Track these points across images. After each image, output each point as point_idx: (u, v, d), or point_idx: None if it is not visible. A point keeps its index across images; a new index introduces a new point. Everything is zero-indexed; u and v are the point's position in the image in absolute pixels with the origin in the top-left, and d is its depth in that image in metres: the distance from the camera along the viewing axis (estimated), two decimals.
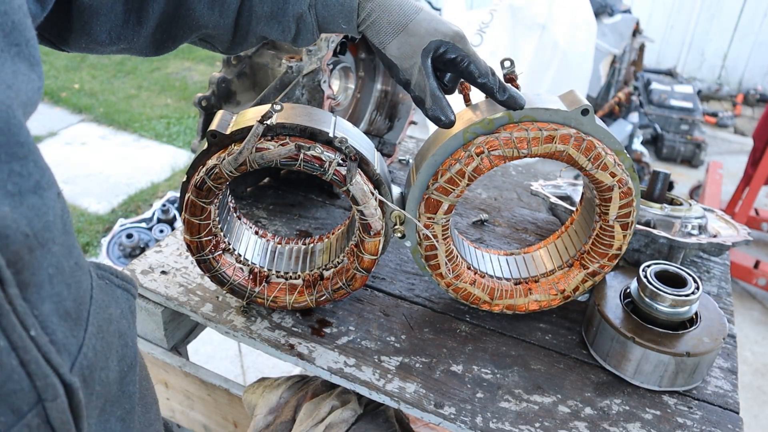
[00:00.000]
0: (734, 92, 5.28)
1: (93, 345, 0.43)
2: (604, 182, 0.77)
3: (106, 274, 0.53)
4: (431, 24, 0.72)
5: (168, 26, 0.69)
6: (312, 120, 0.76)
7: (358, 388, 0.80)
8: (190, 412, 1.05)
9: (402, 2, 0.72)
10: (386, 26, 0.71)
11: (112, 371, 0.47)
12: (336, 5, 0.71)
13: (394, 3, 0.71)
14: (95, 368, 0.44)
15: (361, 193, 0.76)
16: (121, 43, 0.67)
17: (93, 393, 0.44)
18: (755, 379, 2.44)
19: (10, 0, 0.40)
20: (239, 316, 0.89)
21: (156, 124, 4.02)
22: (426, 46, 0.71)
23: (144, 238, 2.71)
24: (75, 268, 0.43)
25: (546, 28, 3.03)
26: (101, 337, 0.45)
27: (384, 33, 0.72)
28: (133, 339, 0.53)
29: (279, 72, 1.05)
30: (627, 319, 0.81)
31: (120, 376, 0.49)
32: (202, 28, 0.70)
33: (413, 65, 0.72)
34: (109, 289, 0.51)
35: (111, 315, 0.49)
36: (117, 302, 0.52)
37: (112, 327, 0.48)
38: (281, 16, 0.71)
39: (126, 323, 0.52)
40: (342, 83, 1.25)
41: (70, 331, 0.41)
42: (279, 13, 0.71)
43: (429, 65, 0.72)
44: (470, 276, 0.88)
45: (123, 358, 0.49)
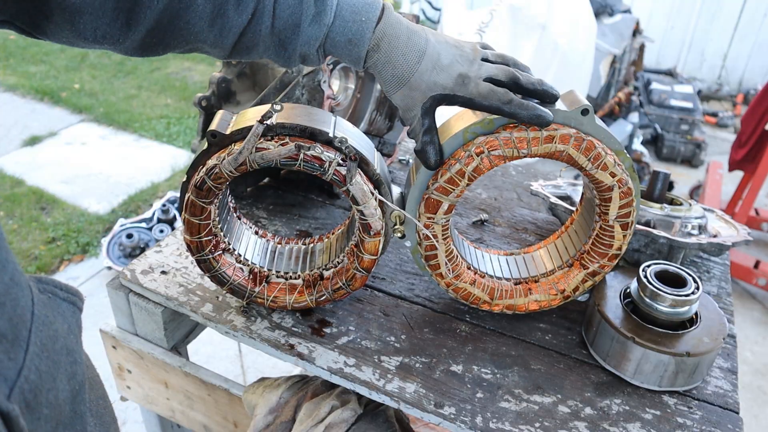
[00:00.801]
0: (734, 92, 5.28)
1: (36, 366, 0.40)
2: (604, 182, 0.77)
3: (50, 288, 0.49)
4: (431, 77, 0.71)
5: (161, 34, 0.66)
6: (312, 120, 0.76)
7: (358, 388, 0.80)
8: (190, 412, 1.05)
9: (407, 50, 0.71)
10: (390, 79, 0.72)
11: (62, 391, 0.44)
12: (344, 49, 0.71)
13: (399, 53, 0.71)
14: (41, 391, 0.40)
15: (361, 193, 0.76)
16: (106, 42, 0.64)
17: (40, 418, 0.41)
18: (755, 379, 2.44)
19: None
20: (239, 316, 0.89)
21: (156, 124, 4.02)
22: (425, 101, 0.72)
23: (144, 238, 2.71)
24: (10, 285, 0.40)
25: (546, 28, 3.03)
26: (46, 356, 0.42)
27: (389, 84, 0.73)
28: (81, 355, 0.49)
29: (279, 72, 1.05)
30: (627, 319, 0.81)
31: (71, 396, 0.46)
32: (197, 42, 0.68)
33: (414, 117, 0.74)
34: (53, 304, 0.48)
35: (57, 331, 0.46)
36: (63, 317, 0.49)
37: (59, 344, 0.45)
38: (288, 49, 0.71)
39: (74, 338, 0.49)
40: (342, 83, 1.25)
41: (6, 354, 0.38)
42: (286, 47, 0.70)
43: (427, 122, 0.74)
44: (470, 276, 0.88)
45: (73, 376, 0.46)
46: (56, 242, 2.87)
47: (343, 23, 0.69)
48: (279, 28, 0.69)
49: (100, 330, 1.03)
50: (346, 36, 0.70)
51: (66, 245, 2.85)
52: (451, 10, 3.56)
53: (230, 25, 0.67)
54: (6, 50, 5.01)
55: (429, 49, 0.72)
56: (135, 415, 2.08)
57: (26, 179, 3.33)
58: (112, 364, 1.06)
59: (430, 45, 0.72)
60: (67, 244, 2.85)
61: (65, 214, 3.05)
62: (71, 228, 2.95)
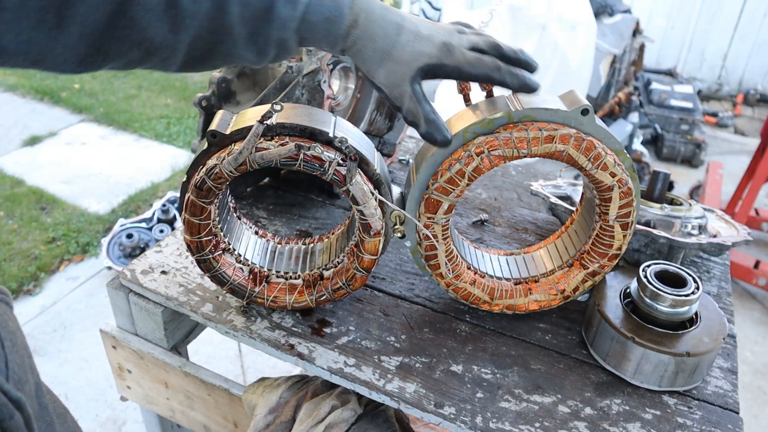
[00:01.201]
0: (734, 92, 5.28)
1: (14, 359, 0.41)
2: (604, 182, 0.77)
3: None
4: (415, 46, 0.69)
5: (99, 37, 0.54)
6: (312, 120, 0.76)
7: (358, 388, 0.80)
8: (190, 412, 1.05)
9: (384, 23, 0.68)
10: (371, 54, 0.69)
11: (31, 384, 0.45)
12: (322, 30, 0.66)
13: (378, 27, 0.68)
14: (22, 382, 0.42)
15: (361, 193, 0.76)
16: (33, 51, 0.52)
17: None
18: (755, 379, 2.45)
19: None
20: (239, 316, 0.89)
21: (156, 124, 4.02)
22: (413, 74, 0.69)
23: (144, 238, 2.71)
24: None
25: (546, 28, 3.03)
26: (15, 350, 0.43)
27: (370, 61, 0.69)
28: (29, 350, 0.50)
29: (279, 72, 1.05)
30: (627, 319, 0.81)
31: (36, 387, 0.47)
32: (146, 43, 0.56)
33: (403, 93, 0.71)
34: None
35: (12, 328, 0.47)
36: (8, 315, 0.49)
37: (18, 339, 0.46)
38: (261, 38, 0.63)
39: (21, 334, 0.50)
40: (342, 83, 1.25)
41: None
42: (258, 35, 0.63)
43: (419, 91, 0.71)
44: (470, 276, 0.88)
45: (33, 369, 0.47)
46: (56, 242, 2.87)
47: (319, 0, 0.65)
48: (248, 14, 0.61)
49: (100, 330, 1.03)
50: (323, 14, 0.65)
51: (66, 245, 2.85)
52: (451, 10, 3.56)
53: (187, 17, 0.57)
54: None
55: (406, 23, 0.70)
56: (135, 415, 2.08)
57: (26, 179, 3.33)
58: (112, 364, 1.06)
59: (406, 19, 0.70)
60: (67, 244, 2.85)
61: (65, 214, 3.05)
62: (71, 228, 2.95)
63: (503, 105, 0.77)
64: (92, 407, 2.11)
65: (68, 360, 2.28)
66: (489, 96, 0.80)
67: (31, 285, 2.62)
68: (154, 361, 0.99)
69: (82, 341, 2.36)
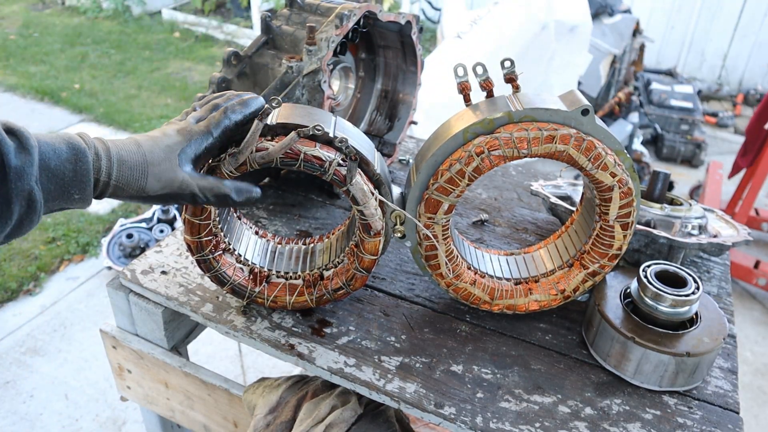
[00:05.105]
0: (734, 92, 5.28)
1: None
2: (604, 182, 0.77)
3: None
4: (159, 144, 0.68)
5: None
6: (312, 120, 0.76)
7: (358, 388, 0.80)
8: (190, 412, 1.05)
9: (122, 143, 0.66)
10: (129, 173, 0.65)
11: None
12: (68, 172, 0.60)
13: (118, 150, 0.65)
14: None
15: (361, 193, 0.76)
16: None
17: None
18: (755, 379, 2.44)
19: None
20: (239, 316, 0.89)
21: (156, 124, 4.02)
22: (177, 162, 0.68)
23: (144, 238, 2.71)
24: None
25: (545, 28, 3.03)
26: None
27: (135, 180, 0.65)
28: None
29: (279, 72, 1.05)
30: (627, 319, 0.81)
31: None
32: None
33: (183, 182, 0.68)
34: None
35: None
36: None
37: None
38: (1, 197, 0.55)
39: None
40: (342, 83, 1.25)
41: None
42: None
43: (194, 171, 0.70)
44: (470, 276, 0.88)
45: None
46: (56, 242, 2.87)
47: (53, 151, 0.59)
48: None
49: (100, 330, 1.03)
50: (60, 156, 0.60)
51: (66, 245, 2.85)
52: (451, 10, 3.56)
53: None
54: (6, 50, 5.01)
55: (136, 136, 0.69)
56: (135, 415, 2.08)
57: None
58: (112, 364, 1.06)
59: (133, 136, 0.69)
60: (67, 244, 2.85)
61: (65, 213, 3.05)
62: (71, 228, 2.95)
63: (503, 105, 0.77)
64: (92, 407, 2.11)
65: (68, 360, 2.28)
66: (489, 96, 0.80)
67: (31, 285, 2.62)
68: (154, 361, 0.99)
69: (82, 341, 2.36)
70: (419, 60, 1.25)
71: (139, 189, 0.66)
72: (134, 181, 0.66)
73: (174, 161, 0.68)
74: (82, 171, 0.61)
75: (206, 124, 0.71)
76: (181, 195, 0.69)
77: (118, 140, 0.67)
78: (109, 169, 0.64)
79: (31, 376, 2.21)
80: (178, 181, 0.68)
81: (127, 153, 0.66)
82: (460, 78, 0.78)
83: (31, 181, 0.56)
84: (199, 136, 0.70)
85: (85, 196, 0.62)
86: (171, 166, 0.68)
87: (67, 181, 0.60)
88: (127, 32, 5.55)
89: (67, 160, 0.60)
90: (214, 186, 0.71)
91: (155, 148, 0.68)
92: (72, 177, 0.60)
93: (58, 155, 0.59)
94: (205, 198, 0.71)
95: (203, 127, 0.71)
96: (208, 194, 0.71)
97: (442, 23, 3.85)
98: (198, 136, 0.70)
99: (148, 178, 0.66)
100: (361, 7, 1.03)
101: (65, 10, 6.07)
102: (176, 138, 0.69)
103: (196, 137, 0.70)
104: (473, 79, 0.80)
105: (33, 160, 0.56)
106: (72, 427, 2.05)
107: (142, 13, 5.94)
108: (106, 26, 5.68)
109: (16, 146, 0.56)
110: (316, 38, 0.98)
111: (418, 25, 1.18)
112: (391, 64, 1.29)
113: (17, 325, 2.43)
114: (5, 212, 0.56)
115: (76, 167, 0.60)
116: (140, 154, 0.66)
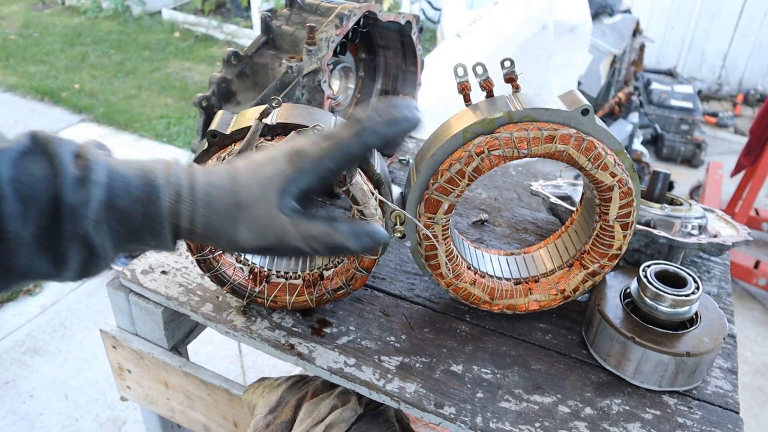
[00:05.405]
0: (734, 92, 5.28)
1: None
2: (604, 182, 0.77)
3: None
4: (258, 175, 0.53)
5: None
6: (312, 120, 0.76)
7: (358, 388, 0.80)
8: (190, 412, 1.05)
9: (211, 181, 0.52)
10: (217, 220, 0.51)
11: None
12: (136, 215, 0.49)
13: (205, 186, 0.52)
14: None
15: (361, 193, 0.76)
16: None
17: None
18: (755, 379, 2.45)
19: None
20: (239, 316, 0.89)
21: (156, 124, 4.02)
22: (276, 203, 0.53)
23: None
24: None
25: (545, 28, 3.03)
26: None
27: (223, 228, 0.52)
28: None
29: (279, 72, 1.05)
30: (627, 319, 0.81)
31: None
32: None
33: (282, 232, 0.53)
34: None
35: None
36: None
37: None
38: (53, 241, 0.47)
39: None
40: (342, 83, 1.25)
41: None
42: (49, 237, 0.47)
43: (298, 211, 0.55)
44: (470, 276, 0.88)
45: None
46: None
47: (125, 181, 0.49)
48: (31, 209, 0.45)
49: (100, 330, 1.03)
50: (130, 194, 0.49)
51: None
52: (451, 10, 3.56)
53: None
54: (6, 50, 5.01)
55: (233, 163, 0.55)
56: (135, 415, 2.08)
57: None
58: (112, 364, 1.06)
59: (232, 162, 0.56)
60: None
61: None
62: None
63: (503, 105, 0.77)
64: (92, 407, 2.11)
65: (68, 360, 2.28)
66: (489, 96, 0.80)
67: (31, 285, 2.62)
68: (154, 361, 0.99)
69: (82, 341, 2.36)
70: (419, 60, 1.25)
71: (229, 241, 0.52)
72: (222, 230, 0.52)
73: (272, 201, 0.53)
74: (152, 215, 0.50)
75: (324, 146, 0.54)
76: (280, 249, 0.54)
77: (214, 171, 0.54)
78: (191, 214, 0.51)
79: (31, 376, 2.21)
80: (275, 232, 0.53)
81: (217, 192, 0.52)
82: (460, 78, 0.78)
83: (86, 225, 0.47)
84: (312, 163, 0.54)
85: (163, 242, 0.51)
86: (267, 208, 0.53)
87: (137, 225, 0.49)
88: (127, 32, 5.55)
89: (137, 200, 0.49)
90: (325, 234, 0.55)
91: (252, 181, 0.53)
92: (142, 221, 0.49)
93: (129, 193, 0.49)
94: (313, 250, 0.55)
95: (320, 149, 0.54)
96: (316, 246, 0.54)
97: (442, 23, 3.85)
98: (310, 164, 0.54)
99: (238, 225, 0.52)
100: (361, 7, 1.03)
101: (65, 10, 6.07)
102: (280, 166, 0.54)
103: (306, 165, 0.54)
104: (473, 79, 0.80)
105: (92, 198, 0.47)
106: (72, 427, 2.05)
107: (142, 13, 5.94)
108: (106, 26, 5.69)
109: (77, 178, 0.47)
110: (316, 38, 0.98)
111: (418, 25, 1.18)
112: (391, 64, 1.29)
113: (17, 325, 2.43)
114: (60, 255, 0.47)
115: (147, 210, 0.49)
116: (232, 192, 0.52)
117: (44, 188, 0.46)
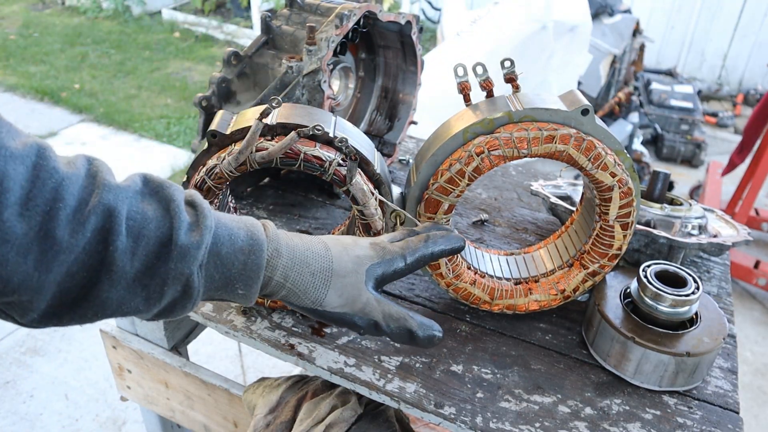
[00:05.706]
0: (734, 92, 5.28)
1: None
2: (604, 182, 0.77)
3: None
4: (349, 252, 0.61)
5: None
6: (312, 120, 0.76)
7: (358, 388, 0.80)
8: (190, 412, 1.05)
9: (307, 246, 0.60)
10: (310, 279, 0.58)
11: None
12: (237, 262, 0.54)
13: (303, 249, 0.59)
14: None
15: (361, 193, 0.76)
16: None
17: None
18: (755, 379, 2.45)
19: None
20: (239, 316, 0.89)
21: (156, 124, 4.02)
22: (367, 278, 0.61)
23: None
24: None
25: (545, 28, 3.03)
26: None
27: (314, 288, 0.59)
28: None
29: (279, 72, 1.05)
30: (627, 319, 0.81)
31: None
32: None
33: (366, 304, 0.60)
34: None
35: None
36: None
37: None
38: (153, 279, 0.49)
39: None
40: (342, 83, 1.25)
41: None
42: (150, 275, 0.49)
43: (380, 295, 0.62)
44: (470, 276, 0.88)
45: None
46: None
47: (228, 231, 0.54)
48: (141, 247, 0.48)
49: (100, 330, 1.03)
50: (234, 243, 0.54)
51: None
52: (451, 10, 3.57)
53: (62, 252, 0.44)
54: (6, 50, 5.01)
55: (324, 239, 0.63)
56: (135, 415, 2.08)
57: None
58: (112, 364, 1.06)
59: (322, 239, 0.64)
60: None
61: None
62: None
63: (503, 105, 0.77)
64: (92, 407, 2.11)
65: (68, 360, 2.28)
66: (489, 96, 0.80)
67: None
68: (154, 361, 0.99)
69: (82, 341, 2.36)
70: (419, 60, 1.25)
71: (316, 300, 0.59)
72: (313, 289, 0.58)
73: (361, 276, 0.60)
74: (252, 265, 0.54)
75: (402, 246, 0.64)
76: (360, 318, 0.61)
77: (308, 238, 0.61)
78: (286, 269, 0.57)
79: (31, 376, 2.21)
80: (361, 302, 0.60)
81: (312, 255, 0.59)
82: (460, 78, 0.78)
83: (193, 265, 0.50)
84: (393, 256, 0.63)
85: (250, 294, 0.56)
86: (357, 281, 0.60)
87: (235, 273, 0.54)
88: (127, 32, 5.55)
89: (240, 249, 0.54)
90: (401, 318, 0.61)
91: (344, 256, 0.61)
92: (240, 269, 0.54)
93: (233, 242, 0.54)
94: (388, 327, 0.61)
95: (398, 248, 0.64)
96: (392, 325, 0.61)
97: (442, 23, 3.85)
98: (391, 256, 0.63)
99: (330, 289, 0.59)
100: (361, 7, 1.03)
101: (65, 10, 6.07)
102: (368, 251, 0.62)
103: (389, 256, 0.63)
104: (473, 79, 0.80)
105: (203, 241, 0.51)
106: (72, 427, 2.05)
107: (142, 13, 5.94)
108: (106, 26, 5.69)
109: (190, 222, 0.51)
110: (316, 38, 0.98)
111: (418, 25, 1.18)
112: (391, 64, 1.29)
113: None
114: (156, 292, 0.50)
115: (248, 259, 0.54)
116: (327, 259, 0.60)
117: (155, 228, 0.49)
